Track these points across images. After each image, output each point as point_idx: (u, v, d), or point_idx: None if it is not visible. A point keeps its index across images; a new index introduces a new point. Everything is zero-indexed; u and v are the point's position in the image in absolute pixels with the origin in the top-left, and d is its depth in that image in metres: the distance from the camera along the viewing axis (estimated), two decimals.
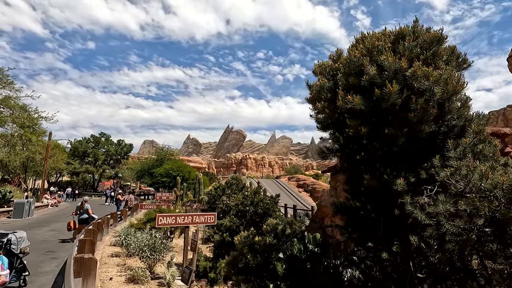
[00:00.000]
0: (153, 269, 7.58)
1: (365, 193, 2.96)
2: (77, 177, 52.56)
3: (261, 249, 3.83)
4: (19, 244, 6.03)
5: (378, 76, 2.39)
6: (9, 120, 17.96)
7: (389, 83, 2.28)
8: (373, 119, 2.55)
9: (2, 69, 16.99)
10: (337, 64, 3.38)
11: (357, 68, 2.71)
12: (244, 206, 7.72)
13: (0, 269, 5.39)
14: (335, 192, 9.21)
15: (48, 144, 26.40)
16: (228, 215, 8.06)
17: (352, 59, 2.70)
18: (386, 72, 2.37)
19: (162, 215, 6.98)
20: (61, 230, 13.60)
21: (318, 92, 3.22)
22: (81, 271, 5.00)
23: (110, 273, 7.45)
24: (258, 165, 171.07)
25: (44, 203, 24.79)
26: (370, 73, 2.41)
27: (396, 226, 3.15)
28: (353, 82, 2.67)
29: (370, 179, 2.70)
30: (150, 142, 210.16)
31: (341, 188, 9.00)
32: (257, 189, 8.19)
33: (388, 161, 2.70)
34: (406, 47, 2.36)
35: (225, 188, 8.67)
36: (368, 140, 2.70)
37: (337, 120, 3.00)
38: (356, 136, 2.71)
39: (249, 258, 3.74)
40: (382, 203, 2.86)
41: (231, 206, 7.92)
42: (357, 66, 2.69)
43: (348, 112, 2.64)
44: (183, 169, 42.83)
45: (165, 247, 7.77)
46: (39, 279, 6.83)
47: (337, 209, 3.92)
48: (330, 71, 3.40)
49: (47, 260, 8.61)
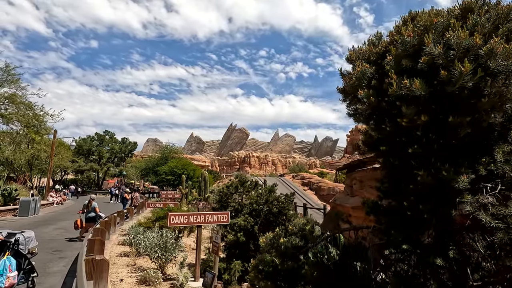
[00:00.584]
0: (164, 269, 7.32)
1: (414, 191, 2.64)
2: (82, 175, 52.63)
3: (290, 252, 3.53)
4: (27, 244, 5.78)
5: (443, 56, 2.07)
6: (14, 118, 17.80)
7: (458, 62, 1.95)
8: (433, 106, 2.23)
9: (9, 66, 16.81)
10: (378, 48, 3.06)
11: (411, 49, 2.38)
12: (258, 205, 7.41)
13: (7, 270, 5.14)
14: (350, 190, 8.88)
15: (53, 142, 26.30)
16: (240, 214, 7.77)
17: (405, 39, 2.37)
18: (453, 51, 2.04)
19: (174, 214, 6.71)
20: (67, 228, 13.42)
21: (358, 79, 2.89)
22: (93, 273, 4.74)
23: (120, 274, 7.20)
24: (261, 163, 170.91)
25: (49, 201, 24.71)
26: (434, 53, 2.09)
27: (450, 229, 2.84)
28: (407, 65, 2.35)
29: (425, 175, 2.38)
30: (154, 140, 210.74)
31: (358, 186, 8.66)
32: (271, 187, 7.89)
33: (446, 155, 2.37)
34: (478, 21, 2.04)
35: (238, 186, 8.38)
36: (423, 131, 2.37)
37: (382, 109, 2.68)
38: (409, 126, 2.38)
39: (277, 262, 3.44)
40: (436, 203, 2.54)
41: (245, 204, 7.62)
42: (412, 46, 2.36)
43: (401, 99, 2.31)
44: (188, 167, 42.64)
45: (177, 247, 7.50)
46: (47, 280, 6.60)
47: (370, 208, 3.61)
48: (370, 56, 3.07)
49: (55, 259, 8.39)
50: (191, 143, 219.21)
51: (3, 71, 16.55)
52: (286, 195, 7.88)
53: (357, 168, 8.55)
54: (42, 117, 20.62)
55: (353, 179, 8.74)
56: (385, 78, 2.66)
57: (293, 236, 3.96)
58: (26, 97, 17.95)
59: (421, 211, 2.63)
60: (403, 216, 2.92)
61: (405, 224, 2.95)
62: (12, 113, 16.89)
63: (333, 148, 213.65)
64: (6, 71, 16.61)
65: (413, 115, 2.28)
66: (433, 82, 2.21)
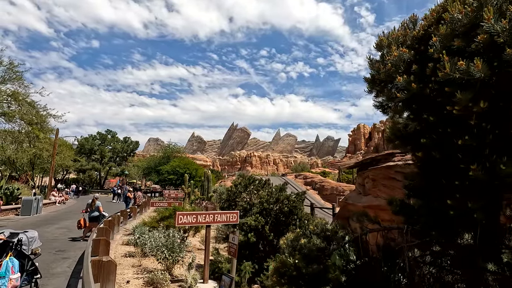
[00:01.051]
0: (171, 271, 7.08)
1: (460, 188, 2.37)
2: (84, 175, 52.50)
3: (313, 255, 3.27)
4: (30, 245, 5.55)
5: (507, 33, 1.81)
6: (17, 116, 17.59)
7: None
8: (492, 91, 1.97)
9: (12, 63, 16.59)
10: (415, 32, 2.79)
11: (461, 28, 2.12)
12: (269, 204, 7.15)
13: (10, 272, 4.90)
14: (363, 189, 8.61)
15: (55, 141, 26.12)
16: (249, 213, 7.52)
17: (456, 16, 2.11)
18: None
19: (182, 214, 6.45)
20: (70, 228, 13.21)
21: (394, 65, 2.63)
22: (99, 275, 4.50)
23: (126, 275, 6.96)
24: (262, 163, 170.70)
25: (51, 200, 24.54)
26: (495, 29, 1.82)
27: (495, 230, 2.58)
28: (460, 46, 2.08)
29: (478, 170, 2.11)
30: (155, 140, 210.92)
31: (370, 184, 8.39)
32: (283, 186, 7.63)
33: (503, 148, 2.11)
34: None
35: (247, 185, 8.12)
36: (477, 120, 2.11)
37: (425, 97, 2.41)
38: (461, 115, 2.12)
39: (301, 265, 3.18)
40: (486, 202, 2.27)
41: (254, 203, 7.36)
42: (463, 25, 2.09)
43: (453, 84, 2.05)
44: (190, 166, 42.43)
45: (184, 247, 7.26)
46: (51, 282, 6.37)
47: (399, 208, 3.36)
48: (405, 41, 2.81)
49: (58, 260, 8.16)
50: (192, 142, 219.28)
51: (7, 68, 16.32)
52: (297, 194, 7.62)
53: (370, 166, 8.28)
54: (45, 117, 20.41)
55: (365, 178, 8.48)
56: (428, 63, 2.41)
57: (313, 236, 3.71)
58: (28, 95, 17.73)
59: (468, 210, 2.36)
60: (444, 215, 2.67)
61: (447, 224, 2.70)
62: (15, 111, 16.66)
63: (335, 147, 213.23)
64: (10, 68, 16.39)
65: (467, 102, 2.01)
66: (492, 64, 1.95)
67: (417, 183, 3.14)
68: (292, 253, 3.36)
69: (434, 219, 2.70)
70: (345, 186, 41.99)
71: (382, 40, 3.08)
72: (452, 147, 2.33)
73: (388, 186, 7.25)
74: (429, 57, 2.37)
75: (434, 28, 2.46)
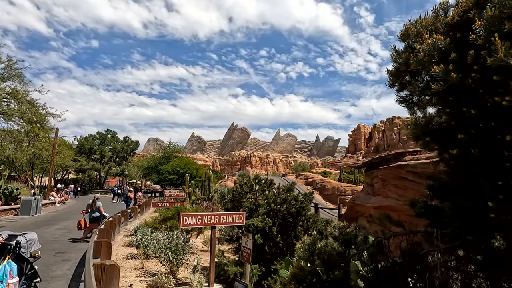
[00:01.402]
0: (175, 273, 6.85)
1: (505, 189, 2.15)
2: (83, 174, 52.24)
3: (333, 260, 3.05)
4: (29, 247, 5.31)
5: None
6: (16, 115, 17.33)
7: None
8: None
9: (11, 60, 16.30)
10: (449, 18, 2.57)
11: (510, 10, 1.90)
12: (276, 205, 6.92)
13: (8, 276, 4.67)
14: (371, 189, 8.39)
15: (54, 140, 25.87)
16: (255, 214, 7.29)
17: None
18: None
19: (187, 215, 6.23)
20: (70, 228, 12.97)
21: (428, 54, 2.41)
22: (102, 280, 4.28)
23: (129, 278, 6.73)
24: (262, 162, 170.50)
25: (51, 200, 24.30)
26: None
27: None
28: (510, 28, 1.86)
29: None
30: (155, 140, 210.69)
31: (379, 184, 8.16)
32: (290, 186, 7.40)
33: None
34: None
35: (253, 185, 7.89)
36: None
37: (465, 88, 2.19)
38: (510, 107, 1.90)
39: (320, 271, 2.96)
40: None
41: (261, 204, 7.13)
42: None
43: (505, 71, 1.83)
44: (191, 166, 42.15)
45: (189, 249, 7.03)
46: (51, 285, 6.14)
47: (424, 209, 3.13)
48: (439, 28, 2.58)
49: (58, 262, 7.93)
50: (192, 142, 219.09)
51: (5, 65, 16.04)
52: (305, 194, 7.38)
53: (379, 165, 8.06)
54: (44, 115, 20.17)
55: (374, 178, 8.26)
56: (468, 50, 2.19)
57: (330, 239, 3.49)
58: (28, 93, 17.46)
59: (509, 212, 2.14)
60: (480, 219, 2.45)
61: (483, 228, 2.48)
62: (14, 109, 16.40)
63: (335, 147, 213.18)
64: (8, 65, 16.11)
65: None
66: None
67: (446, 183, 2.92)
68: (310, 258, 3.14)
69: (470, 223, 2.48)
70: (347, 186, 41.80)
71: (409, 28, 2.86)
72: (495, 144, 2.11)
73: (400, 186, 7.02)
74: (469, 44, 2.15)
75: (474, 12, 2.24)
